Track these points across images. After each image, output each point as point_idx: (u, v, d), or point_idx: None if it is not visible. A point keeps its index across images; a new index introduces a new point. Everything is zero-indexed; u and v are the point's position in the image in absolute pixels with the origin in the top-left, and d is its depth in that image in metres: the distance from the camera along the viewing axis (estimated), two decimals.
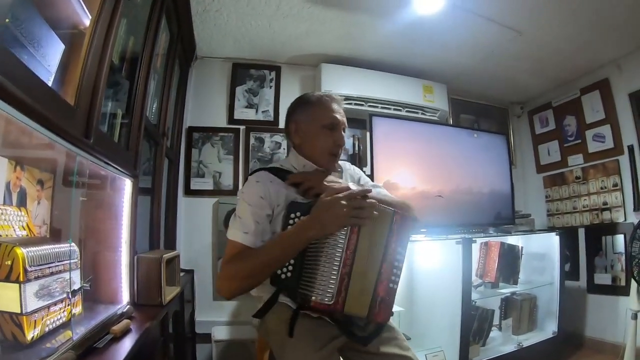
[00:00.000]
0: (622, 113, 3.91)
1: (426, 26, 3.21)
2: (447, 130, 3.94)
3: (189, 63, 3.53)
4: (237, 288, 1.46)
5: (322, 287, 1.40)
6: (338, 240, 1.43)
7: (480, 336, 3.33)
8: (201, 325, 3.30)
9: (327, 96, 1.71)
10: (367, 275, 1.44)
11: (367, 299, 1.43)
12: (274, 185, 1.54)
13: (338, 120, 1.65)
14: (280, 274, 1.44)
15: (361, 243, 1.44)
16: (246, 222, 1.47)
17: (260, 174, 1.58)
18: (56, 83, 1.15)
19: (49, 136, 1.05)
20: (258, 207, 1.49)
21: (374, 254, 1.46)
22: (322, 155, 1.66)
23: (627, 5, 2.95)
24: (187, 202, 3.51)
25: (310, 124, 1.67)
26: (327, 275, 1.41)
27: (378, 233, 1.47)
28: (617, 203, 3.92)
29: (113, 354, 1.21)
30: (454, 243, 3.05)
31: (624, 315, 3.31)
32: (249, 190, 1.53)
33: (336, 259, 1.41)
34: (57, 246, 1.24)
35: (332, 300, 1.39)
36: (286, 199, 1.53)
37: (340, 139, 1.65)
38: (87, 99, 1.25)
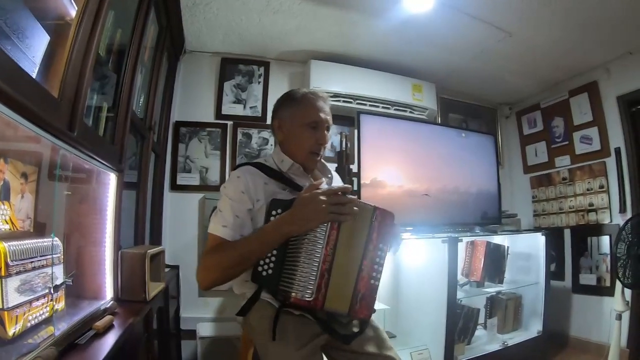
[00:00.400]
0: (609, 116, 3.95)
1: (416, 25, 3.21)
2: (435, 129, 3.95)
3: (178, 57, 3.50)
4: (215, 279, 1.47)
5: (302, 283, 1.40)
6: (318, 237, 1.43)
7: (466, 335, 3.35)
8: (186, 322, 3.29)
9: (312, 94, 1.70)
10: (348, 271, 1.44)
11: (348, 295, 1.44)
12: (256, 180, 1.55)
13: (321, 119, 1.64)
14: (262, 270, 1.44)
15: (341, 239, 1.44)
16: (226, 215, 1.48)
17: (242, 168, 1.59)
18: (40, 75, 1.13)
19: (31, 128, 1.03)
20: (238, 201, 1.50)
21: (354, 250, 1.46)
22: (303, 153, 1.66)
23: (617, 10, 2.98)
24: (173, 197, 3.49)
25: (293, 122, 1.67)
26: (307, 272, 1.40)
27: (358, 229, 1.47)
28: (603, 205, 3.97)
29: (95, 350, 1.19)
30: (440, 242, 3.06)
31: (608, 316, 3.35)
32: (231, 185, 1.54)
33: (316, 255, 1.41)
34: (40, 241, 1.22)
35: (312, 297, 1.39)
36: (266, 194, 1.54)
37: (322, 138, 1.65)
38: (71, 91, 1.23)
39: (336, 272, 1.42)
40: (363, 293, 1.45)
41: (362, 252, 1.46)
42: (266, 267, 1.44)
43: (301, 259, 1.41)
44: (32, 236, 1.23)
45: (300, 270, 1.41)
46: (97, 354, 1.16)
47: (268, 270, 1.44)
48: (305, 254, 1.41)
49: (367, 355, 1.55)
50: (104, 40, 1.57)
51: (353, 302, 1.44)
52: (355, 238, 1.47)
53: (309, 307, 1.44)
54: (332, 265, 1.42)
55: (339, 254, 1.43)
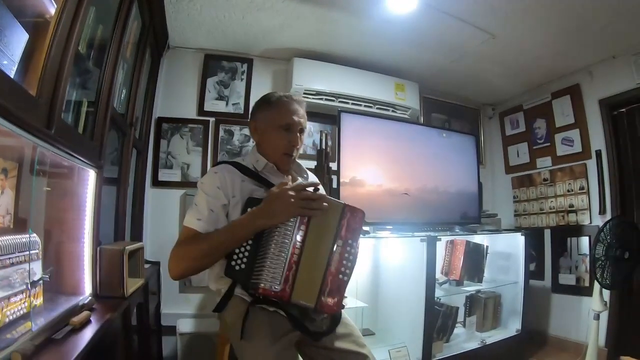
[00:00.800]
0: (591, 118, 4.01)
1: (400, 25, 3.23)
2: (416, 129, 3.97)
3: (161, 53, 3.49)
4: (184, 269, 1.51)
5: (270, 274, 1.43)
6: (287, 230, 1.47)
7: (445, 332, 3.39)
8: (167, 318, 3.29)
9: (286, 97, 1.75)
10: (316, 265, 1.47)
11: (315, 288, 1.46)
12: (232, 177, 1.60)
13: (293, 122, 1.69)
14: (235, 265, 1.47)
15: (311, 234, 1.48)
16: (201, 209, 1.53)
17: (220, 166, 1.64)
18: (19, 73, 1.14)
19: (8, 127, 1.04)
20: (213, 196, 1.55)
21: (323, 245, 1.49)
22: (276, 154, 1.71)
23: (601, 14, 3.03)
24: (155, 193, 3.48)
25: (268, 124, 1.72)
26: (276, 263, 1.44)
27: (328, 225, 1.51)
28: (583, 206, 4.03)
29: (71, 345, 1.20)
30: (418, 241, 3.08)
31: (586, 315, 3.40)
32: (207, 180, 1.60)
33: (285, 247, 1.45)
34: (18, 237, 1.23)
35: (279, 287, 1.42)
36: (242, 192, 1.59)
37: (294, 140, 1.70)
38: (49, 89, 1.24)
39: (304, 265, 1.46)
40: (330, 288, 1.47)
41: (330, 247, 1.49)
42: (239, 261, 1.47)
43: (270, 251, 1.45)
44: (12, 232, 1.24)
45: (269, 261, 1.44)
46: (74, 348, 1.17)
47: (241, 264, 1.47)
48: (274, 247, 1.45)
49: (341, 352, 1.58)
50: (84, 37, 1.57)
51: (320, 296, 1.46)
52: (324, 233, 1.50)
53: (276, 298, 1.46)
54: (301, 259, 1.45)
55: (308, 248, 1.47)
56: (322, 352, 1.60)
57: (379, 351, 2.87)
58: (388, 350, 2.94)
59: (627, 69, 3.65)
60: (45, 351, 1.15)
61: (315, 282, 1.46)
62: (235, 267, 1.47)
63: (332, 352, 1.58)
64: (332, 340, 1.59)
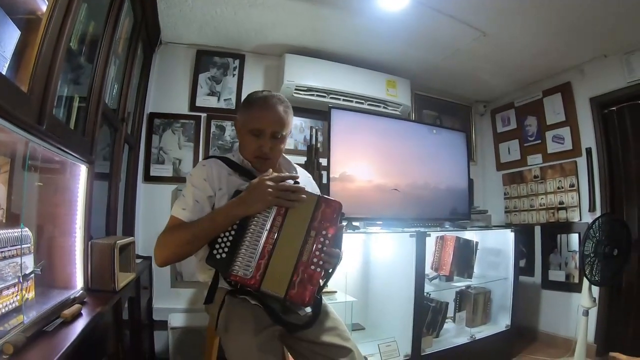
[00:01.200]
0: (582, 116, 4.05)
1: (391, 22, 3.25)
2: (407, 125, 3.99)
3: (153, 48, 3.49)
4: (168, 256, 1.56)
5: (245, 262, 1.46)
6: (264, 219, 1.50)
7: (434, 327, 3.42)
8: (159, 312, 3.31)
9: (264, 101, 1.70)
10: (288, 255, 1.49)
11: (286, 278, 1.47)
12: (219, 170, 1.65)
13: (262, 128, 1.66)
14: (216, 253, 1.50)
15: (287, 224, 1.51)
16: (187, 200, 1.59)
17: (209, 159, 1.70)
18: (11, 70, 1.15)
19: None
20: (200, 188, 1.60)
21: (296, 235, 1.51)
22: (248, 156, 1.72)
23: (593, 13, 3.06)
24: (146, 188, 3.49)
25: (242, 126, 1.73)
26: (251, 252, 1.47)
27: (302, 216, 1.53)
28: (573, 203, 4.08)
29: (62, 337, 1.22)
30: (408, 236, 3.11)
31: (576, 311, 3.44)
32: (195, 173, 1.65)
33: (260, 236, 1.48)
34: (10, 231, 1.24)
35: (250, 275, 1.45)
36: (229, 185, 1.63)
37: (264, 146, 1.67)
38: (41, 85, 1.25)
39: (277, 255, 1.48)
40: (301, 278, 1.48)
41: (302, 237, 1.51)
42: (221, 250, 1.50)
43: (247, 240, 1.48)
44: (5, 226, 1.25)
45: (244, 249, 1.47)
46: (64, 341, 1.18)
47: (222, 253, 1.49)
48: (251, 235, 1.48)
49: (325, 346, 1.59)
50: (75, 34, 1.58)
51: (290, 287, 1.47)
52: (299, 224, 1.52)
53: (248, 287, 1.48)
54: (274, 248, 1.48)
55: (283, 238, 1.50)
56: (306, 345, 1.61)
57: (369, 345, 2.91)
58: (377, 344, 2.98)
59: (619, 67, 3.69)
60: (37, 343, 1.16)
61: (286, 272, 1.48)
62: (216, 256, 1.49)
63: (316, 346, 1.60)
64: (316, 334, 1.60)
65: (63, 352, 1.09)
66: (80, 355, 1.26)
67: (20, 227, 1.31)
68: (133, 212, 3.18)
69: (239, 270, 1.45)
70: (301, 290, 1.48)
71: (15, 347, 1.04)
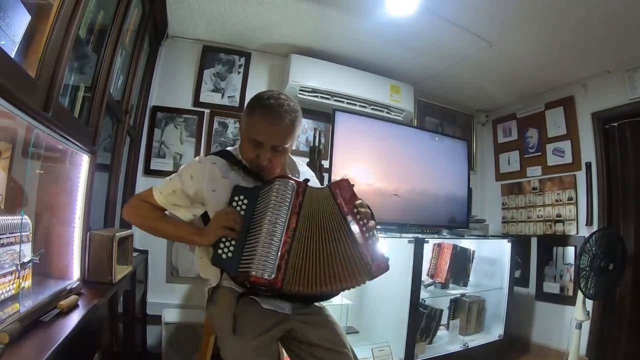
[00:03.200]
0: (583, 131, 4.05)
1: (398, 27, 3.25)
2: (409, 131, 3.99)
3: (159, 41, 3.48)
4: (132, 221, 1.74)
5: (262, 262, 1.44)
6: (279, 219, 1.49)
7: (428, 334, 3.42)
8: (152, 307, 3.28)
9: (271, 110, 1.58)
10: (328, 252, 1.51)
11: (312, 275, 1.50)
12: (214, 171, 1.63)
13: (262, 140, 1.58)
14: (222, 253, 1.50)
15: (312, 222, 1.53)
16: (168, 186, 1.67)
17: (209, 157, 1.70)
18: (19, 54, 1.14)
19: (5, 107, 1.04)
20: (183, 182, 1.63)
21: (332, 230, 1.54)
22: (247, 161, 1.68)
23: (598, 29, 3.07)
24: (146, 181, 3.45)
25: (244, 131, 1.67)
26: (267, 252, 1.45)
27: (327, 210, 1.56)
28: (571, 216, 4.07)
29: (58, 328, 1.21)
30: (406, 242, 3.11)
31: (569, 324, 3.43)
32: (188, 166, 1.69)
33: (277, 236, 1.47)
34: (9, 218, 1.23)
35: (271, 275, 1.43)
36: (224, 184, 1.62)
37: (262, 156, 1.60)
38: (49, 71, 1.24)
39: (297, 254, 1.49)
40: (368, 247, 1.55)
41: (345, 228, 1.55)
42: (226, 249, 1.50)
43: (261, 240, 1.46)
44: (3, 213, 1.24)
45: (260, 250, 1.45)
46: (60, 331, 1.17)
47: (228, 252, 1.49)
48: (265, 236, 1.47)
49: (323, 350, 1.58)
50: (85, 22, 1.57)
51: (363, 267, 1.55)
52: (330, 218, 1.55)
53: (268, 286, 1.46)
54: (292, 247, 1.48)
55: (301, 237, 1.50)
56: (304, 347, 1.60)
57: (362, 349, 2.89)
58: (371, 348, 2.96)
59: (621, 84, 3.69)
60: (33, 333, 1.15)
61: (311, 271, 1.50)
62: (222, 256, 1.49)
63: (315, 349, 1.59)
64: (315, 337, 1.59)
65: (59, 343, 1.08)
66: (75, 346, 1.25)
67: (21, 215, 1.29)
68: None
69: (257, 270, 1.43)
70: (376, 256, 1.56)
71: (11, 336, 1.02)
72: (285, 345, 1.67)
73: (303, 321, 1.62)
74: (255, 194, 1.57)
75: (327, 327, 1.66)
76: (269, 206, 1.50)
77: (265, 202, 1.52)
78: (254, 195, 1.56)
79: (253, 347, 1.39)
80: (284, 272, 1.44)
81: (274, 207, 1.50)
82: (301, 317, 1.63)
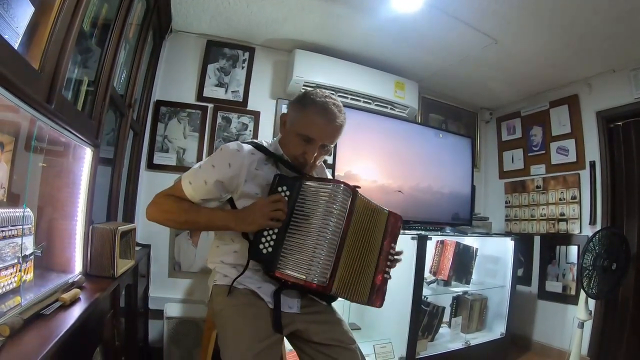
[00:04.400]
0: (587, 129, 4.04)
1: (403, 24, 3.24)
2: (413, 127, 3.98)
3: (163, 36, 3.46)
4: (159, 221, 1.62)
5: (314, 267, 1.44)
6: (330, 223, 1.47)
7: (430, 331, 3.42)
8: (154, 301, 3.29)
9: (326, 108, 1.60)
10: (365, 262, 1.60)
11: (366, 285, 1.61)
12: (251, 161, 1.59)
13: (314, 137, 1.60)
14: (262, 248, 1.49)
15: (356, 231, 1.56)
16: (198, 175, 1.57)
17: (247, 147, 1.61)
18: (22, 46, 1.13)
19: (8, 98, 1.03)
20: (219, 170, 1.55)
21: (372, 245, 1.62)
22: (291, 156, 1.67)
23: (603, 28, 3.06)
24: (149, 176, 3.47)
25: (292, 126, 1.66)
26: (320, 257, 1.45)
27: (376, 227, 1.64)
28: (574, 215, 4.06)
29: (60, 321, 1.20)
30: (409, 239, 3.10)
31: (571, 323, 3.42)
32: (225, 153, 1.58)
33: (327, 241, 1.46)
34: (11, 210, 1.22)
35: (325, 282, 1.45)
36: (259, 175, 1.60)
37: (309, 153, 1.62)
38: (52, 63, 1.23)
39: (349, 261, 1.53)
40: (379, 286, 1.64)
41: (379, 248, 1.64)
42: (267, 244, 1.49)
43: (312, 242, 1.46)
44: (5, 206, 1.23)
45: (312, 254, 1.45)
46: (62, 325, 1.17)
47: (269, 247, 1.49)
48: (318, 238, 1.46)
49: (331, 348, 1.59)
50: (88, 15, 1.56)
51: (371, 293, 1.62)
52: (374, 235, 1.63)
53: (317, 290, 1.49)
54: (342, 254, 1.49)
55: (354, 245, 1.55)
56: (313, 346, 1.61)
57: (364, 346, 2.88)
58: (373, 345, 2.98)
59: (626, 83, 3.68)
60: (34, 326, 1.14)
61: (364, 279, 1.60)
62: (262, 250, 1.49)
63: (323, 347, 1.60)
64: (322, 336, 1.60)
65: (61, 337, 1.07)
66: (77, 340, 1.25)
67: (23, 208, 1.29)
68: (134, 199, 3.16)
69: (308, 275, 1.43)
70: (380, 295, 1.65)
71: (12, 329, 1.02)
72: (292, 343, 1.68)
73: (309, 321, 1.63)
74: (298, 186, 1.54)
75: (333, 325, 1.67)
76: (319, 205, 1.49)
77: (313, 199, 1.51)
78: (297, 188, 1.54)
79: (254, 353, 1.39)
80: (334, 279, 1.47)
81: (327, 208, 1.48)
82: (308, 316, 1.63)
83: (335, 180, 1.60)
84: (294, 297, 1.62)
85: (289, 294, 1.61)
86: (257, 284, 1.58)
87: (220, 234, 1.70)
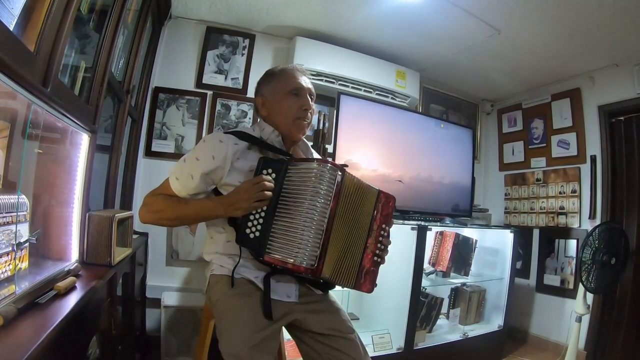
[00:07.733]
0: (589, 123, 4.03)
1: (406, 13, 3.21)
2: (414, 117, 3.94)
3: (162, 22, 3.42)
4: (151, 221, 1.60)
5: (302, 249, 1.41)
6: (317, 204, 1.43)
7: (428, 322, 3.41)
8: (152, 290, 3.28)
9: (290, 66, 1.74)
10: (352, 245, 1.55)
11: (353, 268, 1.56)
12: (237, 149, 1.55)
13: (302, 86, 1.67)
14: (249, 232, 1.46)
15: (344, 213, 1.51)
16: (184, 169, 1.55)
17: (228, 136, 1.57)
18: (18, 27, 1.10)
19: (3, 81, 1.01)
20: (202, 164, 1.52)
21: (360, 226, 1.58)
22: (288, 120, 1.65)
23: (607, 22, 3.04)
24: (147, 163, 3.44)
25: (276, 94, 1.68)
26: (306, 239, 1.41)
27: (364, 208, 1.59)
28: (574, 209, 4.06)
29: (55, 310, 1.18)
30: (409, 229, 3.09)
31: (569, 317, 3.43)
32: (207, 145, 1.55)
33: (315, 223, 1.42)
34: (6, 197, 1.20)
35: (314, 265, 1.41)
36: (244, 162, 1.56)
37: (306, 103, 1.66)
38: (48, 46, 1.21)
39: (337, 243, 1.49)
40: (367, 269, 1.59)
41: (367, 229, 1.58)
42: (253, 228, 1.46)
43: (300, 224, 1.42)
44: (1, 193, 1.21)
45: (300, 235, 1.41)
46: (57, 314, 1.15)
47: (255, 232, 1.46)
48: (305, 220, 1.42)
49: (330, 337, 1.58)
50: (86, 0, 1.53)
51: (358, 277, 1.57)
52: (362, 216, 1.57)
53: (306, 274, 1.47)
54: (331, 236, 1.46)
55: (342, 227, 1.50)
56: (312, 335, 1.60)
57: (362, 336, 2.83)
58: (371, 335, 2.97)
59: (629, 78, 3.67)
60: (29, 315, 1.12)
61: (352, 262, 1.55)
62: (249, 235, 1.46)
63: (322, 337, 1.59)
64: (321, 325, 1.59)
65: (56, 326, 1.05)
66: (73, 329, 1.23)
67: (17, 194, 1.27)
68: (132, 187, 3.13)
69: (296, 258, 1.40)
70: (369, 279, 1.60)
71: (6, 319, 1.00)
72: (291, 333, 1.67)
73: (308, 310, 1.61)
74: (284, 167, 1.50)
75: (332, 314, 1.66)
76: (306, 186, 1.45)
77: (299, 180, 1.47)
78: (283, 169, 1.50)
79: (251, 345, 1.38)
80: (323, 261, 1.43)
81: (314, 188, 1.44)
82: (306, 305, 1.62)
83: (323, 159, 1.54)
84: (291, 286, 1.60)
85: (286, 282, 1.60)
86: (255, 273, 1.56)
87: (212, 224, 1.67)
